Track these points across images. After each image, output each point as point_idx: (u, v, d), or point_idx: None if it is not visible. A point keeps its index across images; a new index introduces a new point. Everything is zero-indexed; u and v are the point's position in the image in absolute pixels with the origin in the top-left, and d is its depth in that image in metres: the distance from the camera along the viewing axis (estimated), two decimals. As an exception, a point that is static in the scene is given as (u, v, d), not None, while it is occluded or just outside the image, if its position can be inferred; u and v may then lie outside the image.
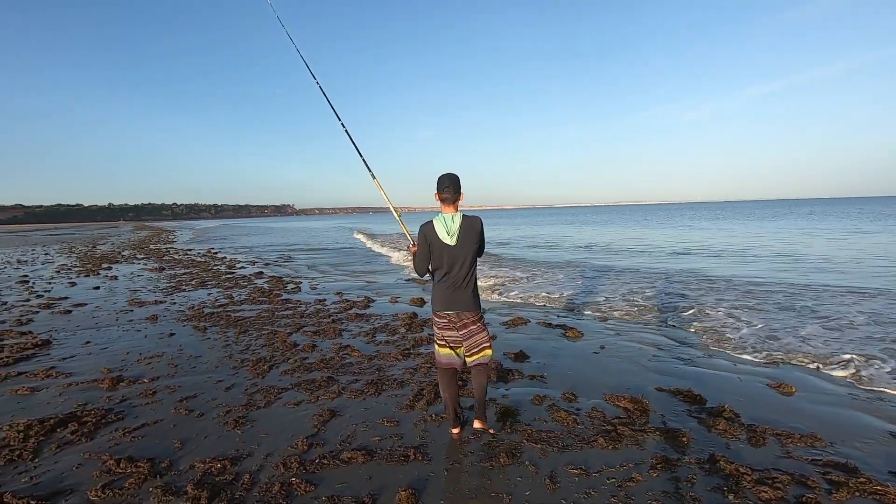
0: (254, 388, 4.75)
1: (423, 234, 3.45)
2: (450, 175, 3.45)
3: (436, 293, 3.55)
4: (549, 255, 18.48)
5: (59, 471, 3.27)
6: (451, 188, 3.42)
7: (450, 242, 3.40)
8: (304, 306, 8.90)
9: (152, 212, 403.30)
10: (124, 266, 17.32)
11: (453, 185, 3.42)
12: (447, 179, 3.43)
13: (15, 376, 5.24)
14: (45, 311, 8.97)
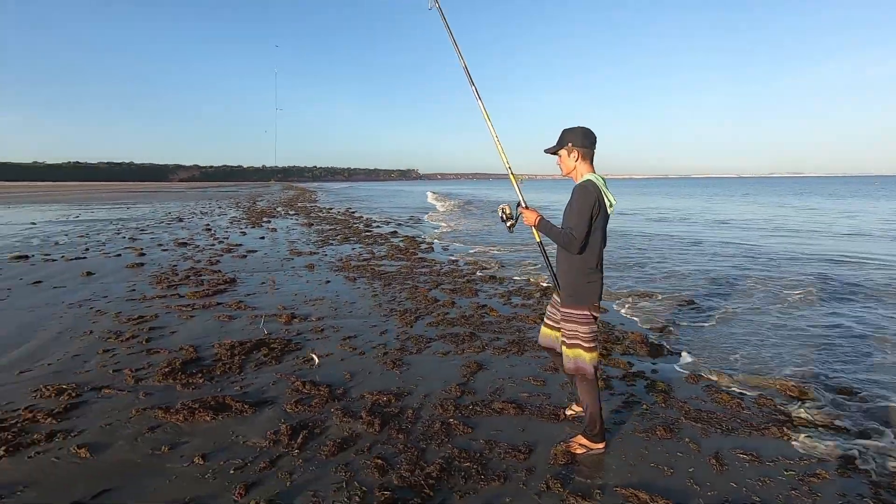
0: (404, 335, 5.17)
1: (594, 195, 2.70)
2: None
3: (593, 279, 2.81)
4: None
5: (260, 384, 3.93)
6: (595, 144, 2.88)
7: (610, 212, 2.86)
8: (439, 265, 9.34)
9: (296, 174, 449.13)
10: (280, 220, 19.70)
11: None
12: (593, 133, 2.89)
13: (215, 306, 6.33)
14: (227, 255, 10.63)
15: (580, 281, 2.80)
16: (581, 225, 2.67)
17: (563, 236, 2.71)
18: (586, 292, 2.80)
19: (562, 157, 2.89)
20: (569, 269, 2.83)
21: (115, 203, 33.69)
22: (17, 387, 3.86)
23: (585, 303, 2.81)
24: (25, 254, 10.57)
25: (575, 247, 2.69)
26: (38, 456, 2.89)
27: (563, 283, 2.89)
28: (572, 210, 2.72)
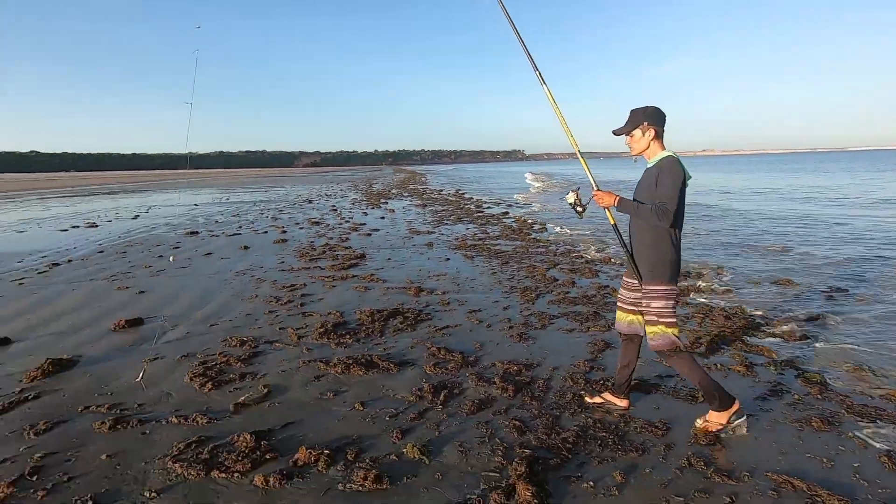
0: (526, 311, 5.31)
1: (682, 170, 2.78)
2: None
3: (676, 256, 2.87)
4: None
5: (399, 348, 4.35)
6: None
7: (688, 184, 2.88)
8: (555, 246, 9.30)
9: (405, 157, 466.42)
10: (395, 202, 20.83)
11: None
12: (664, 112, 2.97)
13: (351, 278, 7.02)
14: (354, 234, 11.59)
15: (666, 256, 2.84)
16: (674, 198, 2.74)
17: (656, 211, 2.74)
18: (671, 267, 2.86)
19: (634, 136, 2.93)
20: (654, 244, 2.86)
21: (254, 187, 38.04)
22: (210, 336, 4.72)
23: (670, 278, 2.86)
24: (195, 230, 12.54)
25: (668, 220, 2.74)
26: (236, 391, 3.56)
27: (647, 259, 2.90)
28: (664, 184, 2.77)
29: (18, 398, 3.47)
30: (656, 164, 2.86)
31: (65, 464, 2.70)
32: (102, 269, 7.92)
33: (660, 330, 2.86)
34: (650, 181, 2.85)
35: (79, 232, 12.81)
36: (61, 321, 5.27)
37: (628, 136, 2.95)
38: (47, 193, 34.56)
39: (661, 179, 2.77)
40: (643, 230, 2.90)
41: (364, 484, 2.47)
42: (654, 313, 2.87)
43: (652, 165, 2.90)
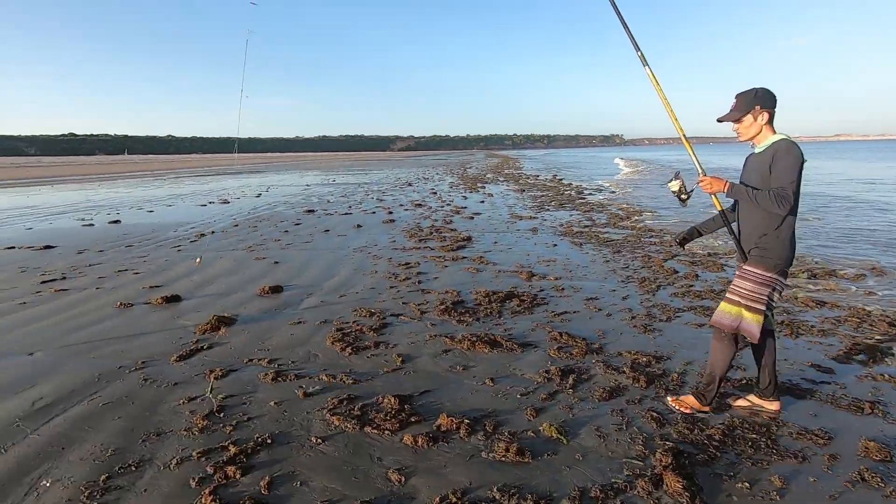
0: (648, 302, 5.10)
1: (801, 154, 2.66)
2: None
3: (790, 245, 2.76)
4: None
5: (520, 329, 4.41)
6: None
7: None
8: (669, 236, 8.77)
9: (497, 142, 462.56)
10: (493, 186, 20.83)
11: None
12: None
13: (461, 259, 7.19)
14: (457, 216, 11.82)
15: (779, 244, 2.72)
16: (794, 183, 2.60)
17: (775, 197, 2.60)
18: (783, 256, 2.73)
19: (744, 122, 2.77)
20: (767, 231, 2.73)
21: (355, 170, 40.06)
22: (341, 306, 5.12)
23: (777, 266, 2.73)
24: (312, 208, 13.57)
25: (787, 206, 2.60)
26: (373, 357, 3.85)
27: (757, 245, 2.77)
28: (783, 168, 2.62)
29: (196, 347, 4.05)
30: (770, 147, 2.70)
31: (242, 406, 3.12)
32: (240, 241, 8.89)
33: (736, 311, 2.80)
34: (762, 167, 2.70)
35: (215, 207, 14.44)
36: (216, 284, 6.03)
37: (736, 123, 2.80)
38: (182, 173, 39.25)
39: (779, 163, 2.63)
40: (755, 217, 2.77)
41: (507, 455, 2.57)
42: (740, 294, 2.79)
43: (762, 150, 2.74)
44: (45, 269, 6.90)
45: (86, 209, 14.54)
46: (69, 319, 4.78)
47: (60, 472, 2.47)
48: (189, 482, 2.38)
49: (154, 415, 3.01)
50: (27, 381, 3.50)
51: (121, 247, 8.47)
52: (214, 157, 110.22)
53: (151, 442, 2.73)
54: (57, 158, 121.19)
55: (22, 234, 10.01)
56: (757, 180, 2.73)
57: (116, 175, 37.51)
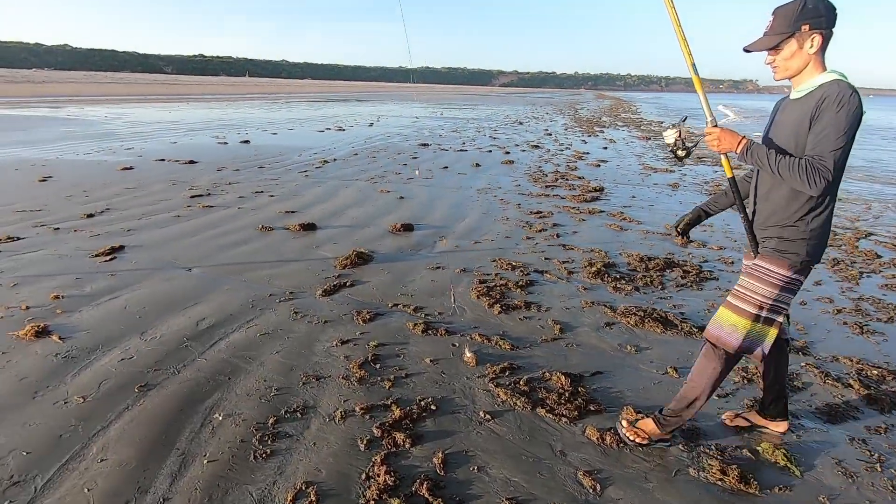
0: (851, 293, 4.12)
1: (860, 107, 1.79)
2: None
3: (822, 235, 1.96)
4: None
5: (693, 308, 3.75)
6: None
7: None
8: (852, 205, 7.26)
9: (607, 81, 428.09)
10: (612, 131, 19.03)
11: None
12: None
13: (598, 213, 6.46)
14: (580, 162, 10.83)
15: (806, 234, 1.93)
16: (841, 151, 1.77)
17: (808, 169, 1.78)
18: (809, 250, 1.94)
19: (782, 52, 1.89)
20: (791, 214, 1.94)
21: (461, 104, 38.97)
22: (478, 254, 4.75)
23: (801, 264, 1.96)
24: (426, 142, 13.24)
25: (823, 184, 1.78)
26: (526, 321, 3.45)
27: (775, 233, 1.98)
28: (829, 125, 1.76)
29: (339, 282, 3.92)
30: (815, 92, 1.84)
31: (396, 358, 2.89)
32: (362, 171, 8.81)
33: (743, 324, 2.03)
34: (798, 120, 1.86)
35: (332, 134, 14.64)
36: (346, 216, 5.94)
37: (772, 52, 1.93)
38: (294, 98, 40.81)
39: (824, 118, 1.78)
40: (777, 194, 1.97)
41: (724, 479, 2.07)
42: (748, 299, 2.03)
43: (802, 95, 1.89)
44: (191, 183, 7.30)
45: (218, 127, 15.48)
46: (218, 237, 4.92)
47: (230, 405, 2.41)
48: (357, 443, 2.19)
49: (311, 354, 2.89)
50: (190, 297, 3.57)
51: (254, 167, 8.78)
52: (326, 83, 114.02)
53: (312, 386, 2.59)
54: (190, 77, 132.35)
55: (169, 148, 10.80)
56: (788, 140, 1.91)
57: (239, 96, 39.99)
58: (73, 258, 4.22)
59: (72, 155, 9.45)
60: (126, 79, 76.07)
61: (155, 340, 2.97)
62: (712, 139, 1.98)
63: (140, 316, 3.27)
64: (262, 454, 2.10)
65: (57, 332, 3.00)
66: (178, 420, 2.29)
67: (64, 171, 7.83)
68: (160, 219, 5.46)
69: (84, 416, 2.29)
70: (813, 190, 1.79)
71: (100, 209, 5.71)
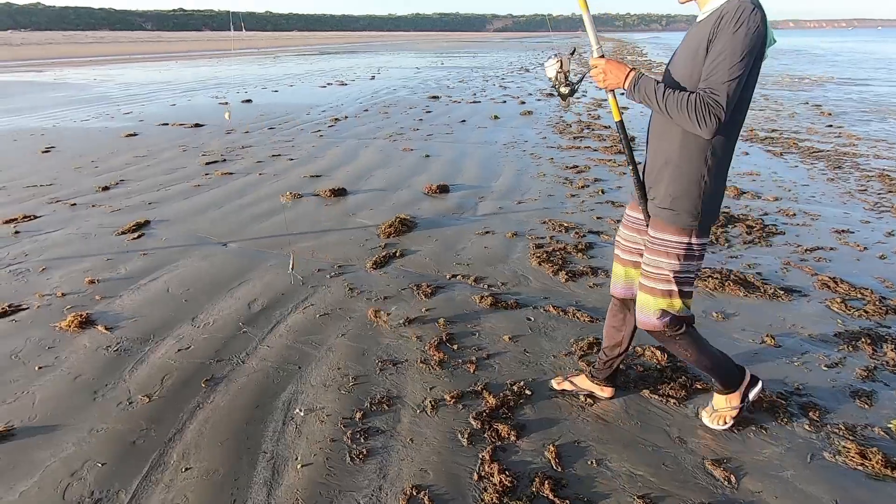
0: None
1: (762, 30, 1.52)
2: None
3: (718, 184, 1.70)
4: None
5: (768, 267, 3.49)
6: None
7: (763, 61, 1.60)
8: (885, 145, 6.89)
9: (606, 22, 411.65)
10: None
11: None
12: None
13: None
14: (601, 110, 10.27)
15: (698, 186, 1.66)
16: (736, 83, 1.51)
17: (696, 104, 1.53)
18: (705, 206, 1.69)
19: None
20: (682, 160, 1.67)
21: (461, 52, 37.35)
22: (525, 215, 4.47)
23: (699, 225, 1.71)
24: (435, 94, 12.61)
25: (712, 124, 1.53)
26: (596, 288, 3.22)
27: (665, 186, 1.72)
28: (724, 53, 1.51)
29: (388, 253, 3.65)
30: (714, 13, 1.57)
31: (472, 337, 2.68)
32: (377, 129, 8.36)
33: (657, 304, 1.81)
34: (697, 45, 1.60)
35: (334, 89, 13.95)
36: (375, 178, 5.60)
37: None
38: (284, 52, 39.05)
39: (719, 41, 1.53)
40: (668, 138, 1.70)
41: (866, 464, 1.88)
42: (657, 276, 1.79)
43: (704, 18, 1.62)
44: (202, 149, 6.90)
45: (215, 86, 14.74)
46: (247, 207, 4.62)
47: (308, 399, 2.21)
48: (458, 437, 2.00)
49: (379, 336, 2.67)
50: (233, 276, 3.32)
51: (263, 129, 8.32)
52: (313, 35, 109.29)
53: (391, 373, 2.39)
54: (172, 33, 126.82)
55: (169, 111, 10.26)
56: (683, 72, 1.64)
57: (227, 52, 38.22)
58: (99, 237, 3.94)
59: (70, 122, 8.96)
60: (107, 38, 72.78)
61: (209, 327, 2.75)
62: (597, 73, 1.72)
63: (186, 299, 3.03)
64: (357, 455, 1.92)
65: (101, 321, 2.78)
66: (257, 418, 2.10)
67: (66, 141, 7.40)
68: (180, 189, 5.14)
69: (154, 418, 2.10)
70: (703, 131, 1.54)
71: (114, 181, 5.37)
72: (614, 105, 1.82)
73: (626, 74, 1.65)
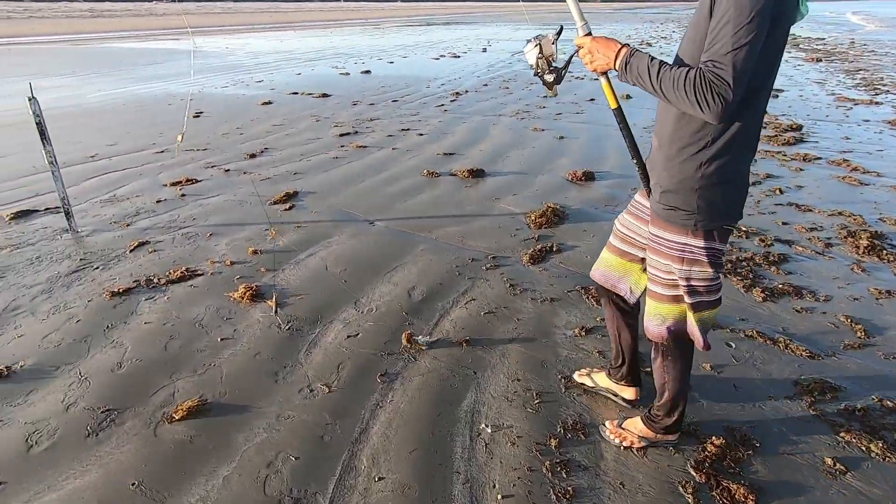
0: None
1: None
2: None
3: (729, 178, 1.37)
4: None
5: None
6: None
7: (801, 11, 1.28)
8: None
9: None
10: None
11: None
12: None
13: (813, 160, 5.21)
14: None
15: (703, 177, 1.36)
16: (745, 52, 1.16)
17: (696, 82, 1.21)
18: (700, 199, 1.39)
19: None
20: (673, 147, 1.39)
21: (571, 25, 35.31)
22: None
23: (690, 220, 1.42)
24: (555, 69, 11.93)
25: (717, 105, 1.20)
26: (804, 313, 2.67)
27: (665, 178, 1.43)
28: (731, 16, 1.17)
29: (543, 246, 3.35)
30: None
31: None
32: (501, 105, 7.99)
33: (658, 310, 1.57)
34: (699, 17, 1.28)
35: (449, 62, 13.70)
36: (510, 159, 5.28)
37: None
38: (388, 23, 39.38)
39: (721, 3, 1.19)
40: (666, 117, 1.41)
41: None
42: (663, 281, 1.53)
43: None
44: (333, 119, 7.00)
45: (333, 56, 15.13)
46: (386, 184, 4.54)
47: (491, 412, 2.01)
48: (678, 489, 1.69)
49: (554, 346, 2.40)
50: (386, 258, 3.22)
51: (387, 101, 8.30)
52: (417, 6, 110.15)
53: (578, 393, 2.11)
54: (289, 4, 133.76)
55: (295, 80, 10.64)
56: (688, 45, 1.33)
57: (337, 21, 39.40)
58: (253, 205, 4.05)
59: (211, 88, 9.59)
60: (233, 8, 78.49)
61: (372, 314, 2.65)
62: (584, 53, 1.48)
63: (345, 280, 2.97)
64: (563, 494, 1.68)
65: (269, 296, 2.79)
66: (442, 429, 1.94)
67: (212, 106, 7.89)
68: (320, 160, 5.20)
69: (337, 412, 2.01)
70: (708, 114, 1.24)
71: (258, 149, 5.57)
72: (608, 90, 1.58)
73: (617, 53, 1.39)
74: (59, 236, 3.52)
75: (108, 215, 3.87)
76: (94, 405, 2.04)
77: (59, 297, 2.79)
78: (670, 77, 1.27)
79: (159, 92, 9.27)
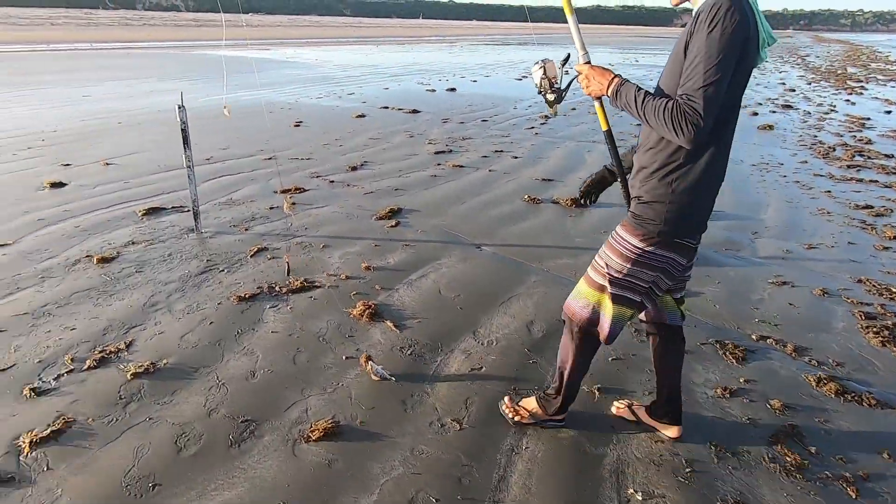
0: None
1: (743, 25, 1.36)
2: None
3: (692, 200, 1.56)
4: None
5: None
6: None
7: (759, 62, 1.51)
8: None
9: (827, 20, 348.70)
10: (876, 87, 14.78)
11: None
12: None
13: None
14: (868, 131, 8.32)
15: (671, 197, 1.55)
16: (714, 88, 1.36)
17: (674, 112, 1.40)
18: (667, 213, 1.56)
19: None
20: (652, 166, 1.57)
21: (651, 49, 34.43)
22: (826, 266, 3.58)
23: (653, 230, 1.59)
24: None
25: (690, 133, 1.39)
26: None
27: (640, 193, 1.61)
28: (699, 55, 1.37)
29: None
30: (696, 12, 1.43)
31: (827, 438, 2.07)
32: (593, 130, 7.81)
33: (595, 297, 1.75)
34: (679, 47, 1.46)
35: (531, 83, 13.66)
36: (612, 189, 5.10)
37: None
38: (463, 40, 40.03)
39: (694, 43, 1.39)
40: (647, 141, 1.59)
41: None
42: (602, 270, 1.71)
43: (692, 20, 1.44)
44: (426, 136, 7.10)
45: (417, 72, 15.53)
46: (488, 207, 4.49)
47: (640, 478, 1.83)
48: None
49: (697, 406, 2.20)
50: (499, 287, 3.14)
51: (476, 120, 8.35)
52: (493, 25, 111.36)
53: (733, 465, 1.91)
54: (370, 20, 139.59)
55: (384, 94, 10.97)
56: (667, 77, 1.51)
57: (417, 38, 40.59)
58: (360, 219, 4.13)
59: (307, 99, 10.06)
60: (320, 22, 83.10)
61: (493, 346, 2.57)
62: (582, 79, 1.66)
63: (460, 307, 2.92)
64: (737, 586, 1.50)
65: (387, 316, 2.78)
66: (586, 489, 1.80)
67: (310, 116, 8.26)
68: (419, 178, 5.25)
69: (471, 453, 1.93)
70: (681, 139, 1.42)
71: (359, 161, 5.72)
72: (601, 113, 1.74)
73: (610, 81, 1.57)
74: (185, 235, 3.73)
75: (228, 218, 4.07)
76: (234, 413, 2.08)
77: (191, 296, 2.93)
78: (652, 106, 1.45)
79: (260, 99, 9.84)
